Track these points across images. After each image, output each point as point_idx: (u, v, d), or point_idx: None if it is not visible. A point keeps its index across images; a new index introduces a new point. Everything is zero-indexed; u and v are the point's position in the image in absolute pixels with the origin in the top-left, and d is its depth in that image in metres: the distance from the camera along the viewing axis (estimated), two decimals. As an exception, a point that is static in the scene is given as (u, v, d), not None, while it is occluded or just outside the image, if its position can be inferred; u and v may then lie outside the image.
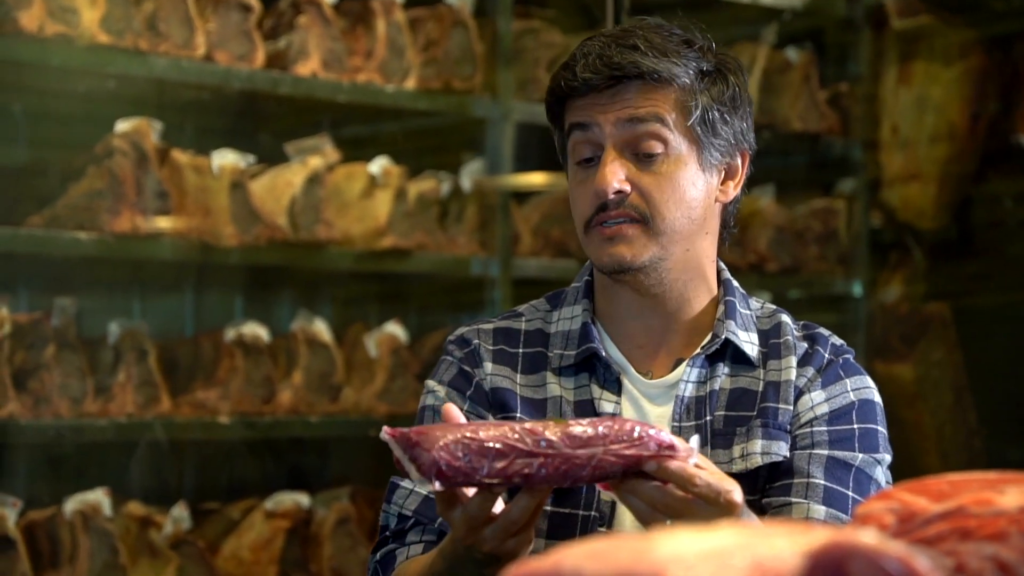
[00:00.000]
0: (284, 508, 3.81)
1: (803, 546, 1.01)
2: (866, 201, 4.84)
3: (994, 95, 4.73)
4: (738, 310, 2.17)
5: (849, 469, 2.10)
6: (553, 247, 4.26)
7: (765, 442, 2.10)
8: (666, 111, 2.10)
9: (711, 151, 2.12)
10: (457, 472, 1.72)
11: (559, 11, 4.53)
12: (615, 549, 1.02)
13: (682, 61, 2.11)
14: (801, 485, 2.07)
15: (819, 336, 2.18)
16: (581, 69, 2.11)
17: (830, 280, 4.79)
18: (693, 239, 2.13)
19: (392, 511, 2.15)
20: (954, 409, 4.67)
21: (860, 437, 2.12)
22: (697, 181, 2.12)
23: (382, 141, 4.29)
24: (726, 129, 2.14)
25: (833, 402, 2.13)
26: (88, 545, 3.48)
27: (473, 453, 1.72)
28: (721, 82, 2.15)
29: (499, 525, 1.82)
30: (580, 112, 2.13)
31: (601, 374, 2.14)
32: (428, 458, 1.71)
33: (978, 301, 4.82)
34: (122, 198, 3.56)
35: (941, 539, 1.20)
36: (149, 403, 3.63)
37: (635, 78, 2.09)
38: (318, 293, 4.29)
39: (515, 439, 1.73)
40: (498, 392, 2.15)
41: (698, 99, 2.11)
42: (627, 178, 2.09)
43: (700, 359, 2.14)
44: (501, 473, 1.73)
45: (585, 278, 2.22)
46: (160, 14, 3.64)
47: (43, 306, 3.57)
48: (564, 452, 1.74)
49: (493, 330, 2.21)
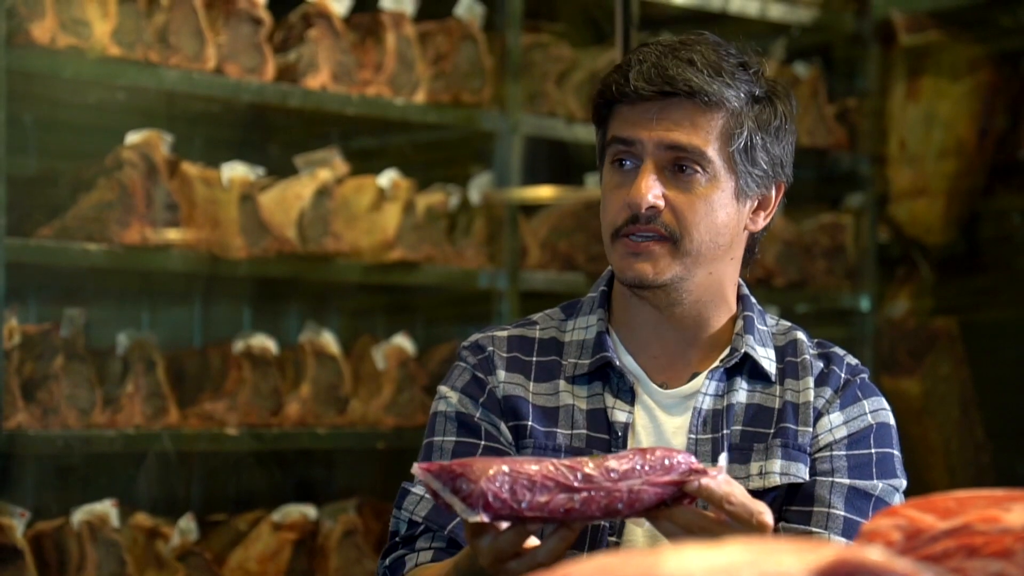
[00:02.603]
0: (291, 520, 3.81)
1: (810, 563, 1.01)
2: (874, 216, 4.85)
3: (1002, 111, 4.74)
4: (756, 326, 2.17)
5: (869, 499, 2.10)
6: (561, 260, 4.26)
7: (784, 462, 2.10)
8: (710, 139, 2.08)
9: (748, 180, 2.12)
10: (503, 504, 1.72)
11: (568, 25, 4.54)
12: (622, 565, 1.02)
13: (735, 83, 2.10)
14: (822, 515, 2.08)
15: (835, 356, 2.19)
16: (635, 76, 2.09)
17: (837, 295, 4.79)
18: (717, 263, 2.13)
19: (403, 517, 2.15)
20: (961, 424, 4.67)
21: (878, 463, 2.13)
22: (730, 207, 2.11)
23: (391, 154, 4.30)
24: (765, 158, 2.13)
25: (851, 425, 2.14)
26: (95, 556, 3.49)
27: (518, 486, 1.72)
28: (769, 109, 2.14)
29: (525, 562, 1.81)
30: (625, 126, 2.11)
31: (615, 383, 2.14)
32: (476, 489, 1.71)
33: (985, 316, 4.82)
34: (132, 210, 3.57)
35: (947, 556, 1.20)
36: (157, 414, 3.64)
37: (686, 95, 2.08)
38: (326, 305, 4.29)
39: (557, 473, 1.74)
40: (511, 400, 2.15)
41: (744, 125, 2.10)
42: (662, 194, 2.08)
43: (719, 372, 2.14)
44: (544, 507, 1.73)
45: (602, 288, 2.21)
46: (171, 27, 3.65)
47: (52, 317, 3.57)
48: (605, 486, 1.75)
49: (507, 337, 2.20)
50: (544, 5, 4.49)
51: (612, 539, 2.09)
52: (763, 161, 2.13)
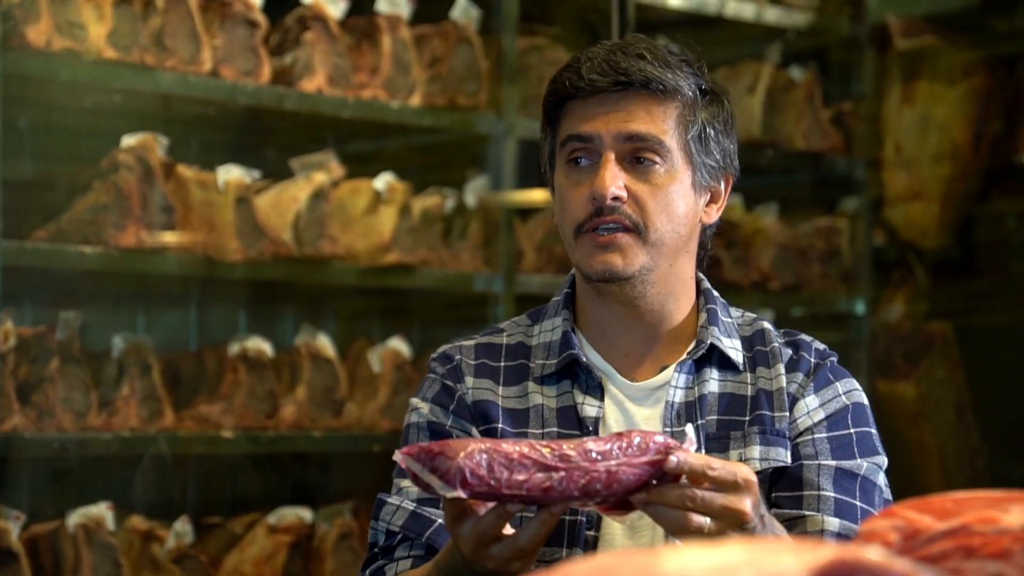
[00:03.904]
0: (287, 523, 3.81)
1: (809, 563, 1.02)
2: (869, 220, 4.85)
3: (997, 115, 4.74)
4: (720, 317, 2.20)
5: (855, 479, 2.13)
6: (556, 263, 4.26)
7: (763, 448, 2.12)
8: (667, 128, 2.12)
9: (703, 171, 2.15)
10: (480, 481, 1.74)
11: (564, 29, 4.54)
12: (620, 565, 1.03)
13: (684, 75, 2.14)
14: (812, 498, 2.10)
15: (802, 342, 2.21)
16: (587, 70, 2.12)
17: (833, 298, 4.79)
18: (677, 255, 2.15)
19: (380, 527, 2.16)
20: (956, 428, 4.67)
21: (859, 442, 2.16)
22: (688, 198, 2.14)
23: (387, 157, 4.30)
24: (718, 149, 2.17)
25: (828, 407, 2.16)
26: (91, 559, 3.48)
27: (496, 463, 1.74)
28: (717, 103, 2.18)
29: (507, 545, 1.83)
30: (580, 122, 2.13)
31: (583, 380, 2.16)
32: (453, 466, 1.73)
33: (980, 320, 4.82)
34: (127, 213, 3.57)
35: (945, 557, 1.20)
36: (153, 417, 3.64)
37: (640, 87, 2.11)
38: (322, 308, 4.29)
39: (534, 452, 1.76)
40: (480, 404, 2.17)
41: (697, 115, 2.14)
42: (624, 185, 2.10)
43: (687, 365, 2.16)
44: (522, 485, 1.75)
45: (565, 290, 2.24)
46: (167, 30, 3.65)
47: (48, 320, 3.57)
48: (582, 465, 1.77)
49: (475, 346, 2.22)
50: (540, 8, 4.50)
51: (590, 533, 2.10)
52: (716, 151, 2.16)
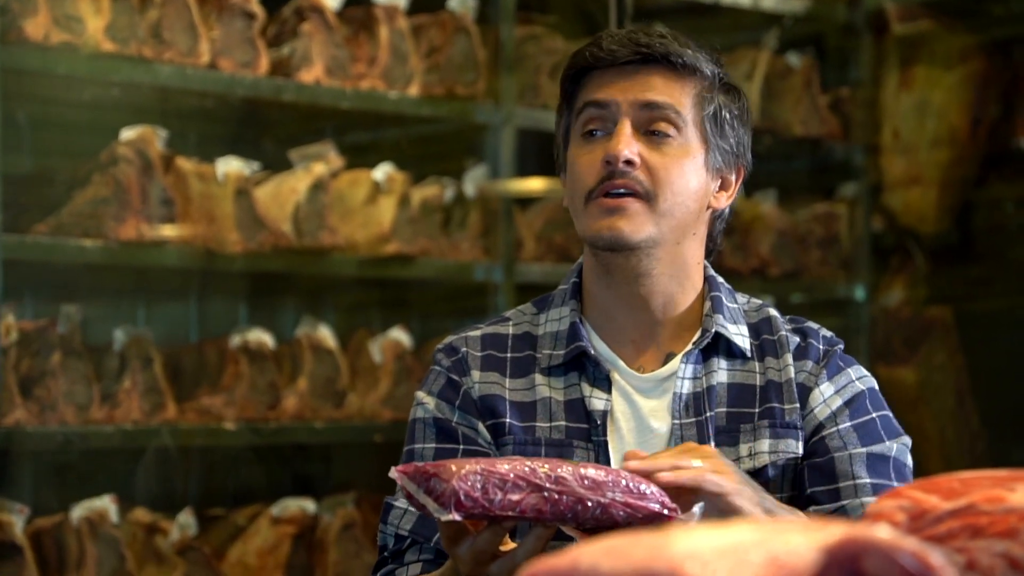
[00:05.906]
0: (290, 514, 3.81)
1: (819, 541, 1.02)
2: (868, 205, 4.85)
3: (995, 100, 4.74)
4: (725, 304, 2.18)
5: (887, 461, 2.12)
6: (556, 252, 4.26)
7: (773, 441, 2.11)
8: (684, 102, 2.13)
9: (716, 153, 2.15)
10: (475, 503, 1.74)
11: (561, 17, 4.54)
12: (631, 546, 1.03)
13: (704, 58, 2.16)
14: (849, 488, 2.09)
15: (809, 329, 2.20)
16: (608, 43, 2.14)
17: (832, 284, 4.80)
18: (684, 233, 2.14)
19: (389, 531, 2.15)
20: (956, 413, 4.68)
21: (883, 426, 2.15)
22: (700, 175, 2.14)
23: (385, 147, 4.30)
24: (733, 135, 2.17)
25: (843, 393, 2.15)
26: (95, 552, 3.49)
27: (490, 484, 1.74)
28: (734, 92, 2.20)
29: (505, 563, 1.83)
30: (598, 89, 2.15)
31: (591, 372, 2.15)
32: (448, 488, 1.73)
33: (980, 305, 4.83)
34: (127, 206, 3.57)
35: (952, 536, 1.21)
36: (155, 410, 3.64)
37: (660, 61, 2.12)
38: (322, 299, 4.30)
39: (529, 473, 1.76)
40: (487, 399, 2.15)
41: (715, 96, 2.15)
42: (638, 152, 2.10)
43: (694, 355, 2.14)
44: (516, 506, 1.75)
45: (573, 279, 2.22)
46: (164, 22, 3.65)
47: (49, 313, 3.58)
48: (577, 491, 1.77)
49: (481, 336, 2.21)
50: (537, -3, 4.50)
51: None
52: (731, 137, 2.17)
